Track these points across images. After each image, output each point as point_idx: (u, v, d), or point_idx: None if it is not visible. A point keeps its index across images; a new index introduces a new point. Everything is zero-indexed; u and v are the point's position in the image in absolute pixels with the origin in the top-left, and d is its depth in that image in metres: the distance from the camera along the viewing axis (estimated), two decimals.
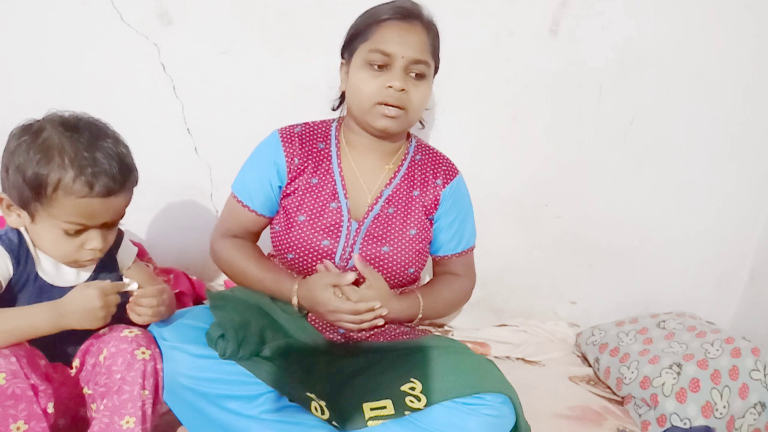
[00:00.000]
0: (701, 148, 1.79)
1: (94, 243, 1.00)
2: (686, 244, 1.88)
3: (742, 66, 1.71)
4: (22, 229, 1.03)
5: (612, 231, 1.85)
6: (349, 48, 1.24)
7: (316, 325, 1.24)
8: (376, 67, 1.17)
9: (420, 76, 1.19)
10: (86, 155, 0.94)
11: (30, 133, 0.95)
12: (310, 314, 1.24)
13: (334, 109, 1.37)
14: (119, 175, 0.97)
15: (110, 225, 1.02)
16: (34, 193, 0.94)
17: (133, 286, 1.01)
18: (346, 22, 1.26)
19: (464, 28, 1.63)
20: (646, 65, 1.70)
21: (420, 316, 1.27)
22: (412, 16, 1.20)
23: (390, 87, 1.16)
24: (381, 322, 1.18)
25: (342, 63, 1.28)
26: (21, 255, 1.01)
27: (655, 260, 1.89)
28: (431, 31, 1.22)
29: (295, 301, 1.20)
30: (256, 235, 1.34)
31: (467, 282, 1.40)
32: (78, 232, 0.98)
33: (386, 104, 1.17)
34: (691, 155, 1.79)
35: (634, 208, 1.84)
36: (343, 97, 1.31)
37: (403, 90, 1.16)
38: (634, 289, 1.91)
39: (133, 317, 1.02)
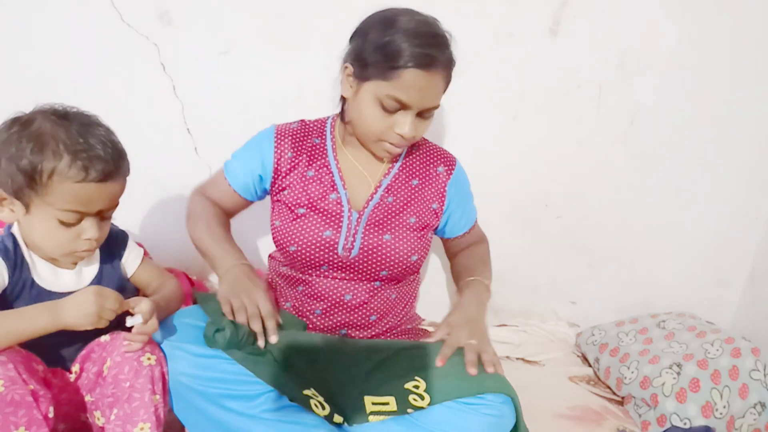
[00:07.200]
0: (701, 148, 1.78)
1: (90, 232, 0.99)
2: (686, 244, 1.88)
3: (742, 66, 1.71)
4: (17, 235, 1.01)
5: (612, 231, 1.85)
6: (359, 65, 1.14)
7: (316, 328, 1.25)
8: (388, 109, 1.13)
9: (429, 114, 1.17)
10: (80, 140, 0.94)
11: (20, 124, 0.95)
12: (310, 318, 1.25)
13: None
14: (113, 160, 0.97)
15: (105, 214, 1.01)
16: (28, 181, 0.93)
17: (136, 320, 0.98)
18: (346, 22, 1.22)
19: (464, 28, 1.62)
20: (646, 65, 1.69)
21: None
22: (435, 63, 1.10)
23: (399, 134, 1.14)
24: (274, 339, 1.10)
25: (346, 67, 1.18)
26: (17, 262, 1.00)
27: (655, 260, 1.89)
28: (449, 68, 1.15)
29: (218, 276, 1.18)
30: (229, 212, 1.36)
31: (484, 244, 1.46)
32: (73, 222, 0.97)
33: (392, 143, 1.16)
34: (691, 155, 1.79)
35: (634, 208, 1.83)
36: (344, 100, 1.24)
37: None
38: (634, 289, 1.91)
39: (133, 347, 0.99)
